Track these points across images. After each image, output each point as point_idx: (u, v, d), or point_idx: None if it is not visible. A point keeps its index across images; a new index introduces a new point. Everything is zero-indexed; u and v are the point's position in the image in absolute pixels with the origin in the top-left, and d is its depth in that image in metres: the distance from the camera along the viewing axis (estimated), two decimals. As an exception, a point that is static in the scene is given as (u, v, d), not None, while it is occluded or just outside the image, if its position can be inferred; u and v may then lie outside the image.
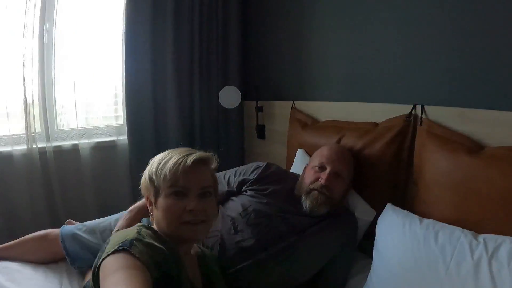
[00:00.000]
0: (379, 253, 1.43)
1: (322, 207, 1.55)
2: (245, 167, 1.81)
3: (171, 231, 1.09)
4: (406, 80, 1.75)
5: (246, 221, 1.51)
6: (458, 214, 1.37)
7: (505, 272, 1.09)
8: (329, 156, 1.64)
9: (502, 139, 1.38)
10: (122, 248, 0.91)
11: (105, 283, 0.84)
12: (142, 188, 1.19)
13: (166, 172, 1.08)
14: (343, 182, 1.62)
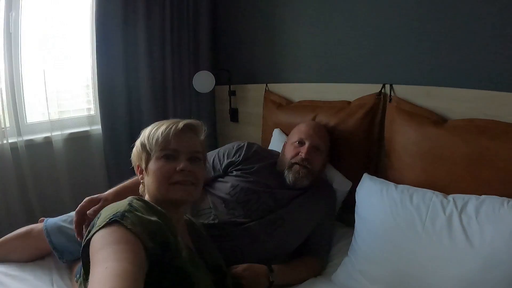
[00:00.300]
0: (361, 217, 1.57)
1: (304, 179, 1.67)
2: (226, 148, 1.86)
3: (162, 193, 1.10)
4: (376, 61, 1.89)
5: (236, 199, 1.60)
6: (428, 179, 1.54)
7: (474, 224, 1.27)
8: (307, 131, 1.76)
9: (462, 113, 1.56)
10: (113, 220, 0.90)
11: (94, 258, 0.84)
12: (133, 158, 1.21)
13: (159, 135, 1.12)
14: (321, 155, 1.74)
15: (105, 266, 0.78)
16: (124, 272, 0.77)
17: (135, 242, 0.87)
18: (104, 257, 0.81)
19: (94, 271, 0.80)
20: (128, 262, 0.80)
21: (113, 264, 0.78)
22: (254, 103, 2.48)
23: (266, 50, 2.46)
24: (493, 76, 1.53)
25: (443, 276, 1.25)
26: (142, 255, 0.86)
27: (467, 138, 1.47)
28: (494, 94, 1.48)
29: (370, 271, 1.43)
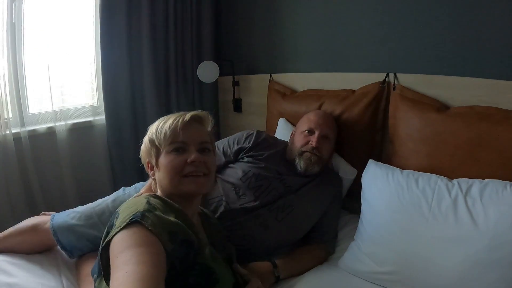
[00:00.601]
0: (367, 202, 1.61)
1: (315, 166, 1.71)
2: (235, 136, 1.90)
3: (174, 186, 1.10)
4: (380, 51, 1.94)
5: (247, 185, 1.63)
6: (432, 163, 1.59)
7: (479, 205, 1.31)
8: (316, 121, 1.80)
9: (464, 101, 1.61)
10: (134, 220, 0.90)
11: (115, 262, 0.83)
12: (142, 154, 1.20)
13: (166, 129, 1.11)
14: (330, 144, 1.79)
15: (125, 271, 0.79)
16: (145, 276, 0.77)
17: (155, 243, 0.87)
18: (124, 261, 0.81)
19: (115, 276, 0.80)
20: (149, 265, 0.80)
21: (134, 268, 0.79)
22: (258, 93, 2.50)
23: (269, 40, 2.49)
24: (494, 65, 1.58)
25: (450, 256, 1.30)
26: (162, 257, 0.86)
27: (469, 124, 1.52)
28: (494, 83, 1.53)
29: (378, 254, 1.47)
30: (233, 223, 1.50)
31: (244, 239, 1.50)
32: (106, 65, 2.44)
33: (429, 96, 1.71)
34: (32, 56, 2.33)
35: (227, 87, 2.69)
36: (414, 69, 1.79)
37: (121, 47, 2.48)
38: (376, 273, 1.45)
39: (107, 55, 2.43)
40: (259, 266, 1.44)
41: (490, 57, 1.59)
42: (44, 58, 2.33)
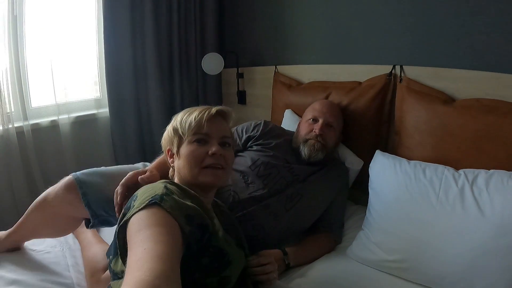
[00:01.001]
0: (375, 191, 1.64)
1: (318, 152, 1.73)
2: (243, 125, 1.92)
3: (193, 176, 1.13)
4: (386, 43, 1.95)
5: (256, 173, 1.65)
6: (438, 154, 1.62)
7: (485, 194, 1.34)
8: (320, 109, 1.83)
9: (469, 94, 1.63)
10: (153, 202, 0.91)
11: (133, 239, 0.85)
12: (164, 142, 1.24)
13: (192, 120, 1.15)
14: (334, 132, 1.81)
15: (143, 247, 0.80)
16: (162, 254, 0.78)
17: (173, 225, 0.89)
18: (143, 239, 0.82)
19: (133, 252, 0.81)
20: (166, 244, 0.81)
21: (151, 246, 0.80)
22: (262, 85, 2.52)
23: (274, 32, 2.49)
24: (499, 58, 1.60)
25: (457, 244, 1.33)
26: (179, 238, 0.88)
27: (475, 116, 1.54)
28: (500, 76, 1.55)
29: (386, 243, 1.50)
30: (243, 213, 1.52)
31: (255, 229, 1.52)
32: (109, 58, 2.46)
33: (435, 89, 1.73)
34: (34, 49, 2.33)
35: (231, 79, 2.70)
36: (421, 61, 1.81)
37: (125, 39, 2.49)
38: (385, 261, 1.48)
39: (110, 47, 2.44)
40: (269, 253, 1.45)
41: (497, 50, 1.60)
42: (46, 51, 2.34)
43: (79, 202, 1.39)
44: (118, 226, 0.95)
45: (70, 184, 1.42)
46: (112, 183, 1.34)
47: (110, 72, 2.49)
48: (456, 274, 1.32)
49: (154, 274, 0.72)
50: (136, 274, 0.73)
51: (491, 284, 1.26)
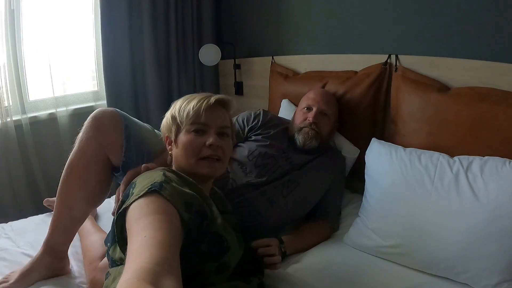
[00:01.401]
0: (371, 178, 1.66)
1: (313, 140, 1.74)
2: (243, 115, 1.93)
3: (190, 166, 1.13)
4: (382, 32, 1.96)
5: (254, 163, 1.67)
6: (433, 142, 1.63)
7: (479, 180, 1.36)
8: (314, 98, 1.84)
9: (464, 82, 1.65)
10: (152, 189, 0.91)
11: (133, 227, 0.85)
12: (163, 128, 1.23)
13: (190, 109, 1.12)
14: (329, 120, 1.82)
15: (143, 235, 0.79)
16: (162, 241, 0.78)
17: (172, 212, 0.89)
18: (143, 227, 0.82)
19: (133, 240, 0.81)
20: (166, 232, 0.81)
21: (151, 233, 0.80)
22: (259, 75, 2.52)
23: (271, 23, 2.49)
24: (494, 47, 1.61)
25: (452, 229, 1.35)
26: (178, 226, 0.88)
27: (470, 104, 1.56)
28: (494, 65, 1.56)
29: (383, 228, 1.52)
30: (240, 199, 1.54)
31: (251, 215, 1.54)
32: (107, 50, 2.44)
33: (430, 77, 1.74)
34: (32, 43, 2.32)
35: (228, 71, 2.70)
36: (416, 50, 1.82)
37: (122, 31, 2.47)
38: (381, 247, 1.50)
39: (108, 40, 2.42)
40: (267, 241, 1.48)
41: (491, 39, 1.62)
42: (43, 45, 2.33)
43: (117, 135, 1.30)
44: (117, 214, 0.95)
45: (114, 114, 1.32)
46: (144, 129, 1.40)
47: (107, 64, 2.47)
48: (451, 259, 1.34)
49: (154, 261, 0.73)
50: (137, 261, 0.73)
51: (487, 268, 1.28)
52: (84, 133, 1.30)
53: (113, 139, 1.30)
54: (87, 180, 1.32)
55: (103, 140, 1.29)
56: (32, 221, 1.79)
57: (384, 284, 1.37)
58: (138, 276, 0.68)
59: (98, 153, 1.30)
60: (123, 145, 1.30)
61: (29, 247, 1.55)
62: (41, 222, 1.76)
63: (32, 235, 1.64)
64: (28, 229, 1.71)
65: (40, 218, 1.81)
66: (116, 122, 1.31)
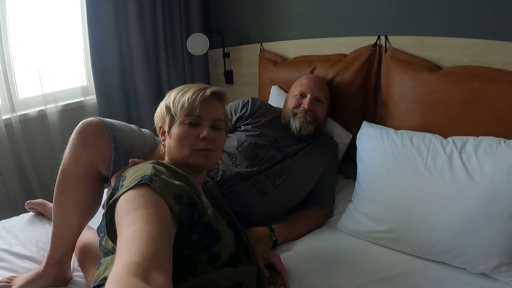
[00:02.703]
0: (363, 162, 1.58)
1: (309, 125, 1.67)
2: (231, 105, 1.86)
3: (183, 158, 1.11)
4: (371, 14, 1.88)
5: (244, 154, 1.60)
6: (426, 123, 1.56)
7: (474, 160, 1.29)
8: (307, 84, 1.76)
9: (455, 61, 1.58)
10: (142, 182, 0.90)
11: (123, 220, 0.84)
12: (156, 118, 1.20)
13: (185, 101, 1.10)
14: (323, 106, 1.75)
15: (133, 229, 0.79)
16: (152, 235, 0.77)
17: (162, 205, 0.88)
18: (132, 220, 0.81)
19: (123, 234, 0.80)
20: (156, 225, 0.81)
21: (141, 227, 0.79)
22: (249, 63, 2.45)
23: (258, 10, 2.41)
24: (485, 25, 1.54)
25: (447, 211, 1.28)
26: (169, 218, 0.87)
27: (462, 83, 1.49)
28: (486, 43, 1.49)
29: (376, 213, 1.46)
30: (230, 190, 1.48)
31: (242, 206, 1.48)
32: (94, 44, 2.39)
33: (421, 57, 1.66)
34: (19, 41, 2.27)
35: (218, 59, 2.63)
36: (406, 31, 1.74)
37: (108, 24, 2.42)
38: (375, 232, 1.44)
39: (95, 33, 2.37)
40: (256, 230, 1.44)
41: (482, 17, 1.55)
42: (31, 42, 2.28)
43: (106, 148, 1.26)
44: (107, 206, 0.94)
45: (100, 125, 1.27)
46: (131, 133, 1.36)
47: (95, 58, 2.42)
48: (447, 243, 1.28)
49: (144, 255, 0.72)
50: (127, 256, 0.72)
51: (484, 251, 1.22)
52: (73, 150, 1.26)
53: (101, 152, 1.27)
54: (82, 195, 1.30)
55: (93, 156, 1.26)
56: (23, 218, 1.75)
57: (378, 269, 1.31)
58: (128, 270, 0.68)
59: (89, 168, 1.28)
60: (112, 156, 1.28)
61: (21, 246, 1.52)
62: (32, 220, 1.74)
63: (23, 234, 1.61)
64: (20, 227, 1.67)
65: (32, 215, 1.77)
66: (103, 135, 1.27)
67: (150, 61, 2.59)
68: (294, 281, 1.26)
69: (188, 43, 2.40)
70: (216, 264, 1.02)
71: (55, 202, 1.32)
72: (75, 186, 1.29)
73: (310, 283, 1.25)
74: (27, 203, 1.77)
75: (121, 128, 1.34)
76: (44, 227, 1.66)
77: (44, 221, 1.71)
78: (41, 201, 1.76)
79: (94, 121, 1.28)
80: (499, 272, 1.21)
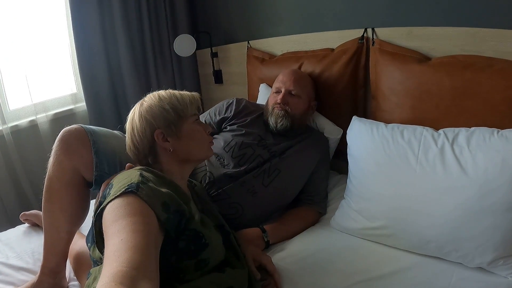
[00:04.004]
0: (354, 158, 1.54)
1: (283, 120, 1.64)
2: (216, 107, 1.84)
3: (200, 153, 1.18)
4: (357, 6, 1.83)
5: (231, 154, 1.56)
6: (417, 115, 1.51)
7: (466, 153, 1.24)
8: (282, 79, 1.74)
9: (444, 51, 1.53)
10: (129, 190, 0.89)
11: (110, 229, 0.83)
12: (159, 123, 1.12)
13: (187, 100, 1.15)
14: (300, 100, 1.71)
15: (120, 238, 0.78)
16: (139, 244, 0.77)
17: (149, 214, 0.87)
18: (119, 229, 0.81)
19: (110, 243, 0.79)
20: (143, 234, 0.80)
21: (128, 236, 0.78)
22: (237, 62, 2.40)
23: (244, 8, 2.36)
24: (473, 13, 1.50)
25: (440, 206, 1.23)
26: (156, 227, 0.87)
27: (452, 73, 1.44)
28: (475, 31, 1.44)
29: (368, 209, 1.41)
30: (219, 192, 1.45)
31: (232, 207, 1.44)
32: (81, 51, 2.35)
33: (409, 49, 1.61)
34: (6, 52, 2.23)
35: (206, 60, 2.58)
36: (393, 22, 1.69)
37: (94, 30, 2.37)
38: (368, 228, 1.40)
39: (81, 39, 2.33)
40: (248, 232, 1.40)
41: (470, 5, 1.50)
42: (17, 51, 2.24)
43: (86, 152, 1.28)
44: (95, 215, 0.93)
45: (80, 132, 1.30)
46: (113, 139, 1.37)
47: (83, 65, 2.37)
48: (441, 237, 1.23)
49: (131, 265, 0.72)
50: (114, 265, 0.72)
51: (480, 245, 1.18)
52: (55, 158, 1.28)
53: (83, 157, 1.28)
54: (69, 202, 1.31)
55: (75, 162, 1.27)
56: (19, 229, 1.73)
57: (372, 267, 1.27)
58: (115, 280, 0.68)
59: (73, 174, 1.29)
60: (94, 161, 1.28)
61: (18, 258, 1.50)
62: (28, 231, 1.71)
63: (20, 246, 1.59)
64: (16, 239, 1.65)
65: (27, 227, 1.75)
66: (83, 140, 1.29)
67: (139, 65, 2.54)
68: (288, 282, 1.22)
69: (175, 45, 2.34)
70: (203, 271, 1.00)
71: (44, 210, 1.32)
72: (61, 193, 1.29)
73: (304, 283, 1.22)
74: (22, 215, 1.74)
75: (102, 134, 1.35)
76: (40, 238, 1.60)
77: (39, 232, 1.68)
78: (36, 212, 1.73)
79: (74, 128, 1.30)
80: (496, 265, 1.17)
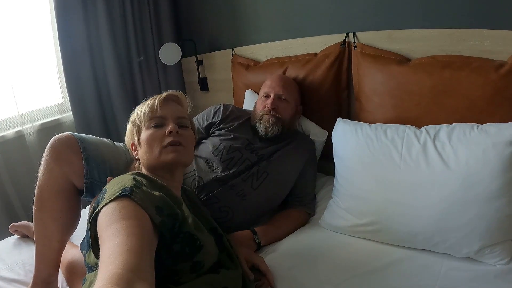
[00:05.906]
0: (339, 158, 1.56)
1: (274, 127, 1.65)
2: (203, 113, 1.84)
3: (155, 158, 1.10)
4: (338, 11, 1.86)
5: (219, 158, 1.57)
6: (399, 115, 1.55)
7: (448, 148, 1.28)
8: (270, 84, 1.75)
9: (424, 52, 1.57)
10: (123, 194, 0.89)
11: (105, 233, 0.83)
12: (127, 138, 1.22)
13: (146, 108, 1.15)
14: (288, 105, 1.72)
15: (115, 241, 0.78)
16: (134, 247, 0.77)
17: (144, 217, 0.87)
18: (114, 232, 0.80)
19: (105, 246, 0.79)
20: (138, 237, 0.80)
21: (123, 239, 0.78)
22: (222, 69, 2.41)
23: (229, 15, 2.37)
24: (450, 14, 1.54)
25: (426, 199, 1.26)
26: (150, 230, 0.86)
27: (432, 73, 1.48)
28: (453, 32, 1.49)
29: (356, 207, 1.43)
30: (209, 196, 1.45)
31: (221, 211, 1.44)
32: (67, 61, 2.31)
33: (389, 51, 1.65)
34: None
35: (191, 68, 2.58)
36: (374, 26, 1.73)
37: (80, 40, 2.34)
38: (357, 226, 1.41)
39: (67, 50, 2.30)
40: (239, 234, 1.41)
41: (448, 7, 1.55)
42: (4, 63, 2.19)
43: (77, 159, 1.27)
44: (89, 220, 0.92)
45: (70, 139, 1.28)
46: (103, 146, 1.36)
47: (68, 75, 2.33)
48: (428, 230, 1.26)
49: (127, 267, 0.72)
50: (109, 268, 0.72)
51: (466, 235, 1.21)
52: (46, 166, 1.27)
53: (74, 165, 1.27)
54: (60, 210, 1.29)
55: (66, 170, 1.26)
56: (8, 241, 1.69)
57: (364, 262, 1.29)
58: (111, 282, 0.67)
59: (63, 182, 1.27)
60: (84, 168, 1.28)
61: (9, 270, 1.47)
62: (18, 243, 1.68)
63: (10, 257, 1.56)
64: (6, 251, 1.61)
65: (17, 238, 1.72)
66: (72, 148, 1.28)
67: (124, 73, 2.52)
68: (280, 281, 1.23)
69: (160, 53, 2.34)
70: (199, 273, 1.00)
71: (35, 219, 1.30)
72: (52, 201, 1.28)
73: (296, 281, 1.22)
74: (11, 226, 1.71)
75: (92, 141, 1.35)
76: (30, 249, 1.59)
77: (29, 243, 1.65)
78: (25, 223, 1.71)
79: (64, 135, 1.29)
80: (483, 254, 1.21)
